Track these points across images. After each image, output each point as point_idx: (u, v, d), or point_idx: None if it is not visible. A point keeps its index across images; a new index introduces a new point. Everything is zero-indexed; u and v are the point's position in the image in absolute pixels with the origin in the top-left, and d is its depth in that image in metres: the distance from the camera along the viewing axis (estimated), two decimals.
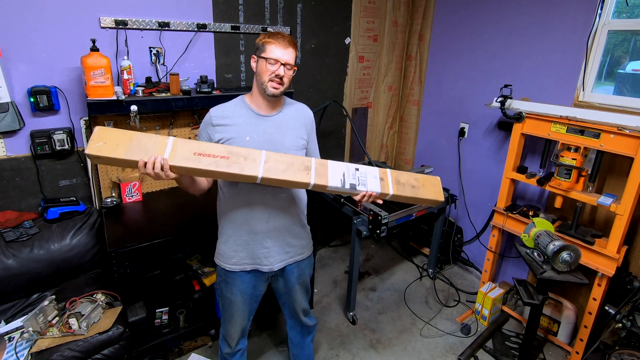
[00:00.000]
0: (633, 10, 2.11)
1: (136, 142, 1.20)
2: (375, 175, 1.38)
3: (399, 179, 1.41)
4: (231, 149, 1.28)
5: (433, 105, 3.31)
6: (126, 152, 1.18)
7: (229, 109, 1.47)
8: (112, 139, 1.19)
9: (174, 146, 1.23)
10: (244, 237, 1.52)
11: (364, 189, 1.35)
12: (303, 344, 1.89)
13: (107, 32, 2.06)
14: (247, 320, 1.69)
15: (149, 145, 1.21)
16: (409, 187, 1.41)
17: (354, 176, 1.34)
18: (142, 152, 1.19)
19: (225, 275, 1.59)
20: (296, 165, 1.30)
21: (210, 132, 1.44)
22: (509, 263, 2.84)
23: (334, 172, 1.33)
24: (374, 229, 2.28)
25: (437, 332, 2.51)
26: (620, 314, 1.81)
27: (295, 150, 1.49)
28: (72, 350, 1.63)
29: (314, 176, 1.30)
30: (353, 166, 1.37)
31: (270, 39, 1.39)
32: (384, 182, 1.37)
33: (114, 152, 1.17)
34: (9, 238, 1.88)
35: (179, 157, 1.22)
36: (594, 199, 2.03)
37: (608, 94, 2.25)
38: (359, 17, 3.06)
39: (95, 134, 1.18)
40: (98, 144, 1.17)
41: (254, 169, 1.25)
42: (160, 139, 1.23)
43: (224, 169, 1.23)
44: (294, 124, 1.52)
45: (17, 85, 1.92)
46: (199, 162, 1.22)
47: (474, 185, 3.04)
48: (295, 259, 1.63)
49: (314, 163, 1.33)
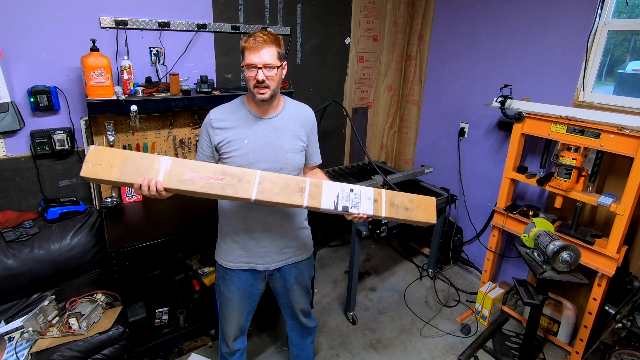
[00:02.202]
0: (633, 10, 2.11)
1: (131, 163, 1.21)
2: (369, 197, 1.38)
3: (394, 200, 1.42)
4: (226, 169, 1.27)
5: (433, 105, 3.31)
6: (121, 174, 1.19)
7: (228, 111, 1.46)
8: (107, 160, 1.19)
9: (169, 166, 1.23)
10: (241, 236, 1.52)
11: (356, 211, 1.35)
12: (303, 345, 1.88)
13: (107, 32, 2.06)
14: (245, 319, 1.68)
15: (144, 166, 1.21)
16: (402, 209, 1.42)
17: (347, 198, 1.36)
18: (136, 174, 1.20)
19: (223, 272, 1.60)
20: (290, 187, 1.31)
21: (211, 134, 1.44)
22: (509, 263, 2.84)
23: (328, 194, 1.35)
24: (374, 229, 2.28)
25: (437, 332, 2.51)
26: (620, 314, 1.81)
27: (293, 152, 1.48)
28: (72, 350, 1.63)
29: (307, 199, 1.32)
30: (348, 187, 1.38)
31: (244, 44, 1.34)
32: (377, 203, 1.39)
33: (109, 174, 1.19)
34: (9, 238, 1.88)
35: (172, 178, 1.23)
36: (594, 199, 2.03)
37: (608, 94, 2.25)
38: (359, 17, 3.06)
39: (89, 155, 1.18)
40: (93, 165, 1.17)
41: (248, 191, 1.26)
42: (154, 159, 1.23)
43: (217, 191, 1.25)
44: (293, 125, 1.50)
45: (17, 85, 1.92)
46: (193, 184, 1.24)
47: (474, 185, 3.04)
48: (293, 260, 1.62)
49: (308, 184, 1.33)
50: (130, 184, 1.21)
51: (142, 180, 1.20)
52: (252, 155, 1.42)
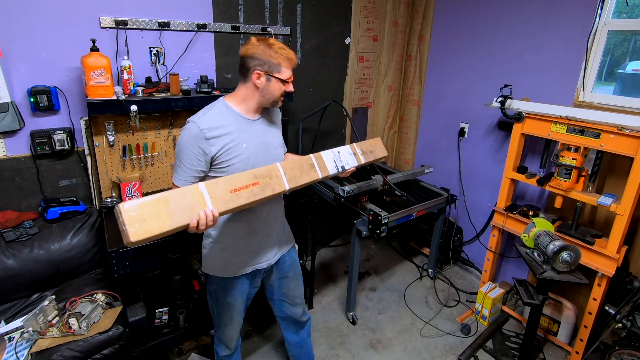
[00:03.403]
0: (633, 10, 2.11)
1: (174, 205, 1.10)
2: (350, 152, 1.63)
3: (362, 148, 1.67)
4: (254, 172, 1.30)
5: (433, 105, 3.31)
6: (172, 219, 1.08)
7: (217, 118, 1.37)
8: (150, 212, 1.05)
9: (209, 191, 1.17)
10: (244, 241, 1.52)
11: (349, 166, 1.60)
12: (300, 342, 1.89)
13: (107, 32, 2.06)
14: (242, 319, 1.72)
15: (188, 201, 1.12)
16: (369, 153, 1.68)
17: (339, 158, 1.58)
18: (186, 212, 1.11)
19: (223, 282, 1.57)
20: (305, 167, 1.44)
21: (204, 147, 1.32)
22: (509, 263, 2.84)
23: (329, 162, 1.54)
24: (374, 229, 2.28)
25: (437, 332, 2.51)
26: (620, 314, 1.81)
27: (281, 147, 1.58)
28: (72, 350, 1.63)
29: (319, 171, 1.48)
30: (335, 150, 1.58)
31: (285, 62, 1.39)
32: (356, 156, 1.64)
33: (162, 226, 1.06)
34: (9, 238, 1.88)
35: (220, 201, 1.18)
36: (594, 199, 2.03)
37: (608, 94, 2.25)
38: (359, 17, 3.06)
39: (127, 218, 1.01)
40: (140, 225, 1.02)
41: (281, 184, 1.35)
42: (194, 190, 1.15)
43: (260, 195, 1.28)
44: (273, 121, 1.58)
45: (17, 85, 1.92)
46: (239, 198, 1.23)
47: (474, 185, 3.04)
48: (286, 249, 1.71)
49: (314, 159, 1.48)
50: (186, 225, 1.12)
51: (199, 215, 1.13)
52: (253, 158, 1.42)
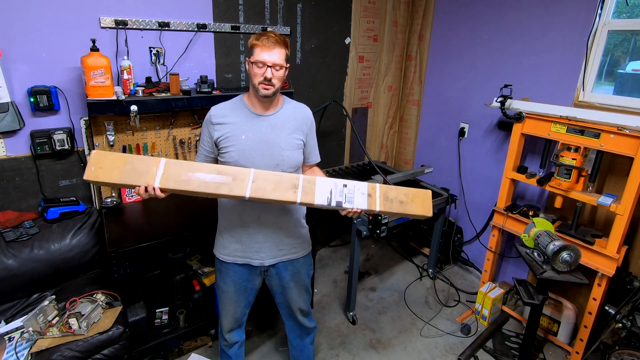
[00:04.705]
0: (633, 10, 2.11)
1: (130, 166, 1.28)
2: (363, 192, 1.40)
3: (388, 194, 1.42)
4: (221, 168, 1.33)
5: (433, 105, 3.31)
6: (121, 176, 1.27)
7: (227, 108, 1.51)
8: (108, 163, 1.27)
9: (166, 168, 1.29)
10: (237, 230, 1.55)
11: (349, 206, 1.37)
12: (302, 346, 1.88)
13: (107, 32, 2.06)
14: (242, 313, 1.71)
15: (142, 168, 1.29)
16: (397, 202, 1.43)
17: (341, 193, 1.38)
18: (136, 176, 1.28)
19: (220, 265, 1.64)
20: (284, 184, 1.34)
21: (210, 130, 1.49)
22: (509, 263, 2.84)
23: (321, 190, 1.36)
24: (374, 229, 2.28)
25: (437, 332, 2.51)
26: (620, 314, 1.81)
27: (290, 150, 1.50)
28: (72, 350, 1.63)
29: (300, 195, 1.34)
30: (341, 182, 1.39)
31: (256, 42, 1.39)
32: (371, 198, 1.40)
33: (110, 177, 1.27)
34: (9, 238, 1.88)
35: (170, 179, 1.29)
36: (594, 199, 2.03)
37: (608, 94, 2.25)
38: (359, 17, 3.06)
39: (92, 159, 1.27)
40: (95, 168, 1.27)
41: (242, 189, 1.31)
42: (152, 161, 1.30)
43: (212, 190, 1.29)
44: (290, 123, 1.52)
45: (17, 85, 1.92)
46: (189, 184, 1.29)
47: (474, 185, 3.04)
48: (289, 257, 1.63)
49: (301, 181, 1.35)
50: (130, 185, 1.28)
51: (141, 183, 1.27)
52: (249, 151, 1.45)
